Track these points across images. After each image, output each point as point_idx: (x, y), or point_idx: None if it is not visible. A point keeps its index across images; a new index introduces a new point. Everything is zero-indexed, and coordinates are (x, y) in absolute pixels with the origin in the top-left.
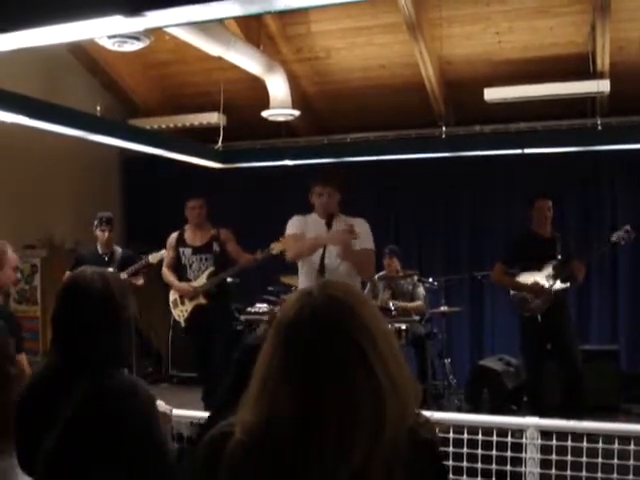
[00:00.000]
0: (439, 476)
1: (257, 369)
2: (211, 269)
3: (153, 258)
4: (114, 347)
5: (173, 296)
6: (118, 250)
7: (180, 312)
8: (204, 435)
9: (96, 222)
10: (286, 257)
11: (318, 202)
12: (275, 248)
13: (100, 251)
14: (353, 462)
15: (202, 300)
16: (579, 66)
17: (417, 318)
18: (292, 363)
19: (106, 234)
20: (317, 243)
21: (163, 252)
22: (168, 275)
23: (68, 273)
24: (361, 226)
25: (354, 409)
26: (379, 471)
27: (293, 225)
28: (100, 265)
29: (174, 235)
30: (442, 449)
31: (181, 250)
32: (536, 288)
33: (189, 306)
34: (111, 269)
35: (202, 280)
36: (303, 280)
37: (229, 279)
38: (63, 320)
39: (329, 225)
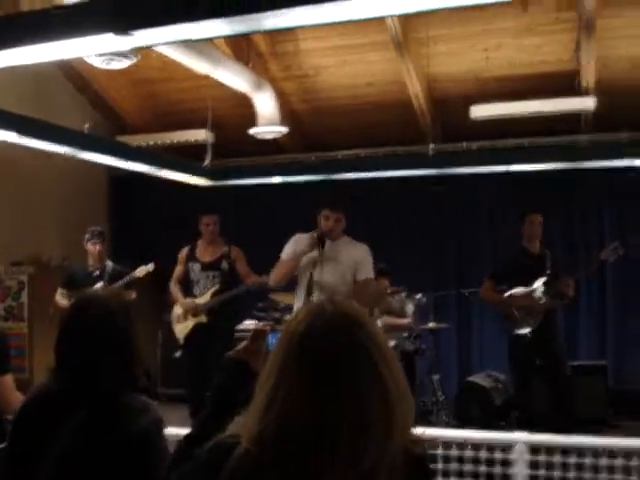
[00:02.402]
0: None
1: (265, 379)
2: (216, 287)
3: (140, 272)
4: (120, 370)
5: (177, 311)
6: (109, 265)
7: (181, 328)
8: (184, 448)
9: (87, 236)
10: (269, 282)
11: (324, 225)
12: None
13: (91, 266)
14: (363, 470)
15: (203, 319)
16: (565, 83)
17: (406, 334)
18: (305, 372)
19: (97, 247)
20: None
21: (150, 266)
22: (174, 290)
23: (59, 290)
24: (363, 253)
25: (366, 416)
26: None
27: (287, 246)
28: (90, 280)
29: (186, 249)
30: (431, 466)
31: (190, 265)
32: (526, 305)
33: (191, 323)
34: (100, 284)
35: (206, 298)
36: (297, 301)
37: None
38: (65, 344)
39: (322, 246)
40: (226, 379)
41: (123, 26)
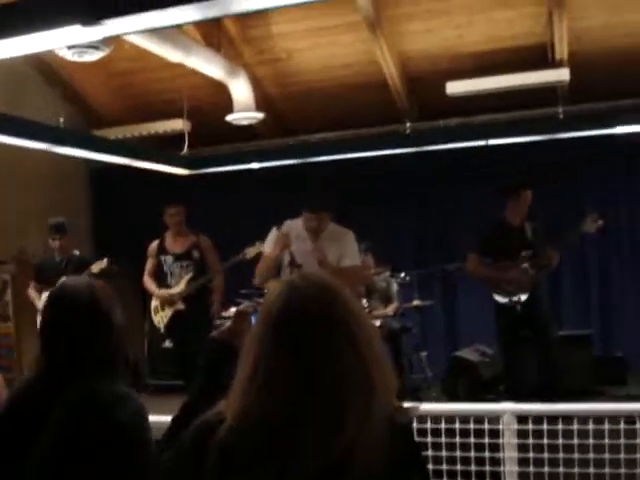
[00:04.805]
0: (416, 457)
1: (245, 357)
2: (190, 275)
3: (95, 268)
4: (103, 357)
5: (154, 303)
6: (75, 255)
7: (160, 318)
8: (173, 430)
9: (47, 231)
10: (254, 282)
11: (307, 226)
12: (249, 253)
13: (57, 258)
14: (343, 442)
15: (180, 306)
16: (539, 56)
17: (391, 313)
18: (284, 348)
19: (57, 243)
20: None
21: (104, 262)
22: (149, 283)
23: (32, 284)
24: (348, 239)
25: (346, 388)
26: (366, 450)
27: (271, 239)
28: (56, 271)
29: (155, 243)
30: (421, 439)
31: (162, 258)
32: (515, 277)
33: (168, 312)
34: (65, 277)
35: (181, 286)
36: None
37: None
38: (49, 331)
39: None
40: (210, 360)
41: (94, 15)
